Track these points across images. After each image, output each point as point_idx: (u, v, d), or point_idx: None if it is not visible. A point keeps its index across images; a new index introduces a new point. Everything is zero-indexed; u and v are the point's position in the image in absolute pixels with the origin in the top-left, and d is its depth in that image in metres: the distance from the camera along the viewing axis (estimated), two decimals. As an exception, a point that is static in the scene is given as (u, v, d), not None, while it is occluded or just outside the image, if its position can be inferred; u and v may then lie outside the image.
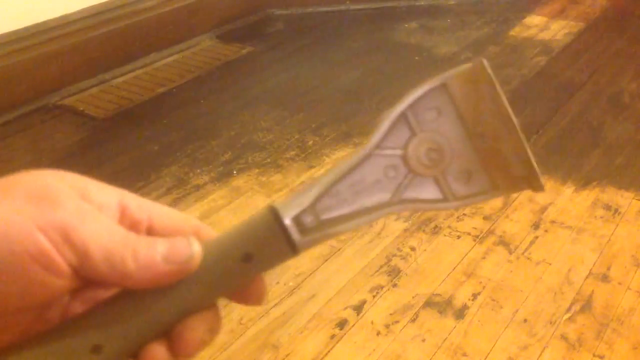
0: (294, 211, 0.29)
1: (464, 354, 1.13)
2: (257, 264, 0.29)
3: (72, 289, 0.27)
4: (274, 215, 0.28)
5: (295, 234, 0.28)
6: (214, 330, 0.29)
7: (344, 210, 0.30)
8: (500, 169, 0.31)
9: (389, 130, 0.31)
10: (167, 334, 0.28)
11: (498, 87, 0.29)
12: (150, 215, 0.29)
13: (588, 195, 1.52)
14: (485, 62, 0.29)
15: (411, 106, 0.31)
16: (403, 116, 0.31)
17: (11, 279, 0.25)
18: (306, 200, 0.29)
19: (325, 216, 0.29)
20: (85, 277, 0.26)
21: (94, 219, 0.26)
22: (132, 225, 0.29)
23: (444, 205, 0.31)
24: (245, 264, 0.28)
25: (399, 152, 0.31)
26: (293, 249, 0.29)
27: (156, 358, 0.28)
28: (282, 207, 0.29)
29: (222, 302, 0.30)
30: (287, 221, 0.28)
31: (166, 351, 0.28)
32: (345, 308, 1.23)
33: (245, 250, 0.28)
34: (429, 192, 0.31)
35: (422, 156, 0.31)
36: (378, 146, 0.31)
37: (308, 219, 0.29)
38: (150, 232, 0.30)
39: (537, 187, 0.30)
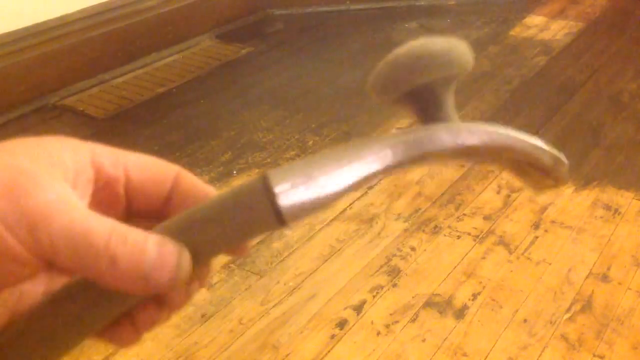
0: (284, 178, 0.26)
1: (464, 354, 1.13)
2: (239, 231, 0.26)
3: (44, 273, 0.25)
4: (263, 182, 0.26)
5: (284, 202, 0.26)
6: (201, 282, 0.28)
7: (332, 173, 0.28)
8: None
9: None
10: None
11: None
12: (127, 169, 0.27)
13: (588, 195, 1.52)
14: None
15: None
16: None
17: None
18: (299, 170, 0.27)
19: (315, 186, 0.27)
20: (64, 271, 0.25)
21: (72, 211, 0.23)
22: (108, 184, 0.27)
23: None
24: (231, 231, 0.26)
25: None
26: (280, 221, 0.26)
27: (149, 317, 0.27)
28: (273, 174, 0.26)
29: (222, 302, 0.30)
30: (277, 189, 0.26)
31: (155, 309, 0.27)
32: (345, 308, 1.23)
33: (230, 215, 0.26)
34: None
35: None
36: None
37: (300, 187, 0.26)
38: (129, 187, 0.28)
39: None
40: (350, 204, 1.51)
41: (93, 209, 0.25)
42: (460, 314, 1.21)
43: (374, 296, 1.26)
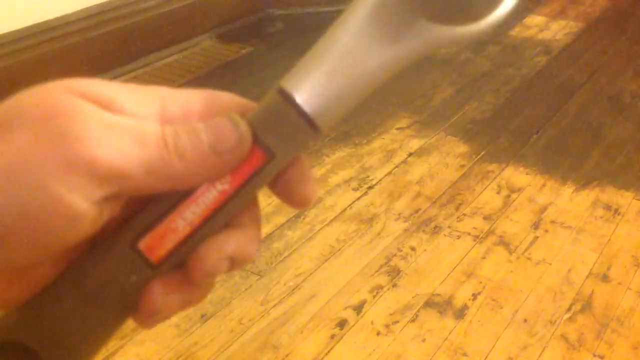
0: (305, 85, 0.26)
1: (464, 354, 1.13)
2: (281, 157, 0.25)
3: (100, 225, 0.23)
4: (282, 93, 0.25)
5: (309, 108, 0.25)
6: (246, 247, 0.26)
7: (354, 70, 0.26)
8: None
9: None
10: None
11: None
12: (200, 119, 0.25)
13: (588, 195, 1.52)
14: None
15: None
16: None
17: (24, 239, 0.21)
18: (316, 70, 0.26)
19: (339, 84, 0.26)
20: (127, 197, 0.23)
21: (119, 131, 0.22)
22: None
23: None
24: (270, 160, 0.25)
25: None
26: (313, 127, 0.25)
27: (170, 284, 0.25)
28: (289, 83, 0.26)
29: (222, 302, 0.30)
30: (299, 99, 0.25)
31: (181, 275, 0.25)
32: (345, 308, 1.23)
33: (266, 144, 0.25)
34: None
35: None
36: None
37: (323, 90, 0.26)
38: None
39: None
40: (350, 204, 1.51)
41: None
42: (460, 314, 1.21)
43: (374, 296, 1.26)
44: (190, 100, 0.25)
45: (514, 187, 1.56)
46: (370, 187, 1.56)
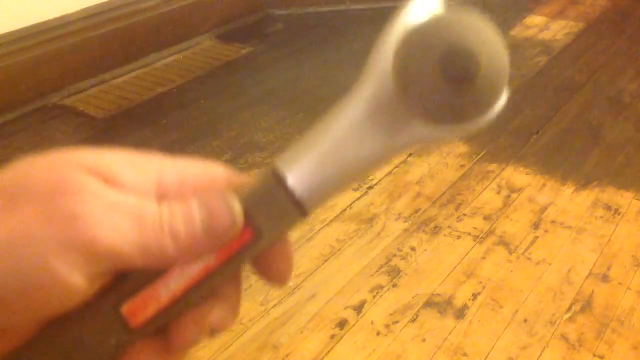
0: (297, 168, 0.26)
1: (464, 354, 1.13)
2: (267, 236, 0.26)
3: (90, 295, 0.24)
4: (275, 175, 0.26)
5: (299, 193, 0.26)
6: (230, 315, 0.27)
7: (346, 154, 0.27)
8: None
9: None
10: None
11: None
12: (194, 190, 0.26)
13: (588, 195, 1.52)
14: None
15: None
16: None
17: (19, 307, 0.22)
18: (309, 155, 0.26)
19: (329, 169, 0.27)
20: (117, 273, 0.24)
21: (120, 212, 0.23)
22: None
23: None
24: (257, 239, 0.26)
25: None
26: (301, 211, 0.26)
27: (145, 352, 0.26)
28: (283, 165, 0.26)
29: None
30: (290, 180, 0.26)
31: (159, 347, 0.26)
32: (345, 308, 1.23)
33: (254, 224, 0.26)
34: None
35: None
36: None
37: (314, 176, 0.26)
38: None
39: None
40: (350, 204, 1.51)
41: None
42: (460, 314, 1.21)
43: (374, 296, 1.26)
44: (185, 170, 0.26)
45: (514, 187, 1.56)
46: (370, 187, 1.56)
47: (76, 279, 0.22)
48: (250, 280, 1.30)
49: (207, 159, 0.28)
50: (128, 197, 0.24)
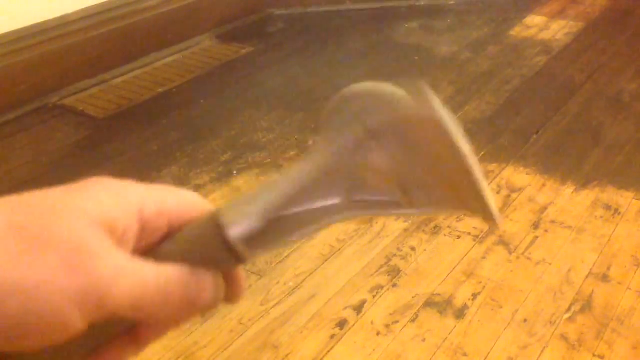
0: (241, 220, 0.28)
1: (464, 354, 1.13)
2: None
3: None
4: (217, 225, 0.28)
5: (240, 246, 0.28)
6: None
7: (292, 211, 0.29)
8: (456, 195, 0.29)
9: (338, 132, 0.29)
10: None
11: (451, 131, 0.27)
12: (170, 218, 0.30)
13: (588, 195, 1.52)
14: (440, 112, 0.27)
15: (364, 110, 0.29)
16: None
17: (22, 339, 0.25)
18: (254, 209, 0.28)
19: (276, 225, 0.29)
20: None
21: (129, 274, 0.27)
22: (149, 234, 0.29)
23: (399, 211, 0.29)
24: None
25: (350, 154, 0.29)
26: (238, 260, 0.28)
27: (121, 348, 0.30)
28: (228, 215, 0.28)
29: (221, 309, 0.30)
30: (232, 232, 0.28)
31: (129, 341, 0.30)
32: (345, 308, 1.23)
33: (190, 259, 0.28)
34: (384, 195, 0.29)
35: (374, 168, 0.29)
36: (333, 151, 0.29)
37: (257, 228, 0.28)
38: (170, 232, 0.30)
39: (493, 226, 0.28)
40: (350, 204, 1.51)
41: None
42: (460, 314, 1.21)
43: (374, 296, 1.26)
44: (163, 200, 0.29)
45: (514, 187, 1.56)
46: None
47: (79, 323, 0.26)
48: (250, 280, 1.30)
49: (208, 160, 0.29)
50: (134, 262, 0.27)
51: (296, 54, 2.34)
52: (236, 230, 0.28)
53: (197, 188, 1.60)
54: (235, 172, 1.66)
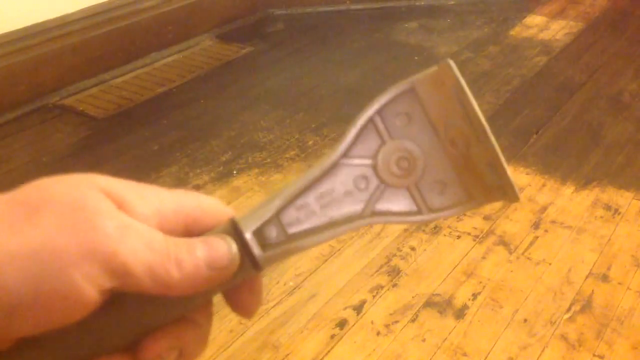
0: (256, 224, 0.28)
1: (464, 354, 1.13)
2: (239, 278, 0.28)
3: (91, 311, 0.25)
4: (235, 229, 0.27)
5: (256, 249, 0.27)
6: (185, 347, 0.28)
7: (313, 223, 0.29)
8: (474, 177, 0.29)
9: (356, 137, 0.29)
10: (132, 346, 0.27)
11: (466, 89, 0.27)
12: (187, 220, 0.28)
13: (588, 195, 1.52)
14: (451, 62, 0.27)
15: (379, 112, 0.29)
16: (371, 122, 0.29)
17: (31, 315, 0.23)
18: (268, 212, 0.28)
19: (292, 230, 0.28)
20: (124, 290, 0.25)
21: (134, 234, 0.25)
22: (166, 233, 0.28)
23: (418, 218, 0.29)
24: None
25: (368, 161, 0.29)
26: (255, 266, 0.27)
27: None
28: (244, 220, 0.28)
29: (222, 302, 0.30)
30: (248, 235, 0.27)
31: None
32: (345, 308, 1.23)
33: None
34: (402, 204, 0.29)
35: (393, 165, 0.29)
36: (346, 155, 0.29)
37: (273, 233, 0.28)
38: (187, 234, 0.29)
39: (512, 197, 0.28)
40: (350, 204, 1.51)
41: None
42: (460, 314, 1.21)
43: (374, 296, 1.26)
44: (181, 201, 0.28)
45: (514, 187, 1.55)
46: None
47: (89, 290, 0.23)
48: (250, 280, 1.30)
49: (208, 160, 0.29)
50: (139, 223, 0.25)
51: (296, 54, 2.34)
52: (252, 231, 0.27)
53: (197, 188, 1.60)
54: (235, 172, 1.66)
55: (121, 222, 0.24)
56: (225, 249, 0.27)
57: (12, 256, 0.22)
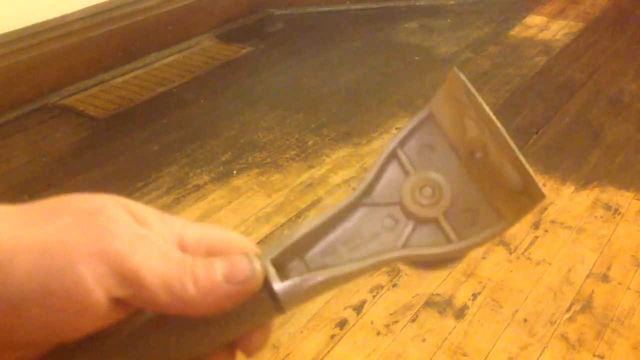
0: (275, 252, 0.27)
1: (464, 354, 1.13)
2: (241, 323, 0.27)
3: (103, 325, 0.24)
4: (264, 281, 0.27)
5: (277, 281, 0.26)
6: None
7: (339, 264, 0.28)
8: (498, 189, 0.28)
9: (380, 172, 0.29)
10: None
11: (476, 94, 0.27)
12: (209, 250, 0.27)
13: (588, 195, 1.52)
14: (457, 72, 0.27)
15: (401, 144, 0.29)
16: (394, 156, 0.29)
17: (37, 315, 0.23)
18: (288, 241, 0.27)
19: (315, 266, 0.28)
20: (139, 305, 0.25)
21: (149, 244, 0.24)
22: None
23: (450, 248, 0.28)
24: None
25: (394, 198, 0.28)
26: (279, 309, 0.27)
27: None
28: (266, 249, 0.27)
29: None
30: (277, 285, 0.26)
31: None
32: (345, 308, 1.23)
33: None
34: (433, 236, 0.28)
35: (420, 197, 0.28)
36: (370, 192, 0.29)
37: (297, 269, 0.27)
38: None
39: (538, 196, 0.27)
40: (350, 204, 1.51)
41: None
42: (460, 314, 1.21)
43: (374, 296, 1.26)
44: (205, 232, 0.27)
45: (514, 187, 1.55)
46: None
47: (98, 293, 0.23)
48: (250, 280, 1.30)
49: (208, 160, 0.28)
50: (155, 236, 0.25)
51: (296, 54, 2.34)
52: (280, 285, 0.26)
53: (197, 188, 1.60)
54: (235, 172, 1.66)
55: (137, 232, 0.24)
56: (245, 262, 0.26)
57: (23, 249, 0.22)
